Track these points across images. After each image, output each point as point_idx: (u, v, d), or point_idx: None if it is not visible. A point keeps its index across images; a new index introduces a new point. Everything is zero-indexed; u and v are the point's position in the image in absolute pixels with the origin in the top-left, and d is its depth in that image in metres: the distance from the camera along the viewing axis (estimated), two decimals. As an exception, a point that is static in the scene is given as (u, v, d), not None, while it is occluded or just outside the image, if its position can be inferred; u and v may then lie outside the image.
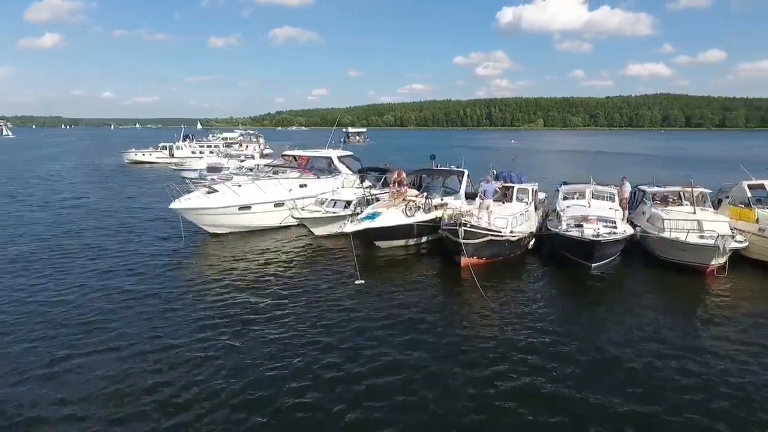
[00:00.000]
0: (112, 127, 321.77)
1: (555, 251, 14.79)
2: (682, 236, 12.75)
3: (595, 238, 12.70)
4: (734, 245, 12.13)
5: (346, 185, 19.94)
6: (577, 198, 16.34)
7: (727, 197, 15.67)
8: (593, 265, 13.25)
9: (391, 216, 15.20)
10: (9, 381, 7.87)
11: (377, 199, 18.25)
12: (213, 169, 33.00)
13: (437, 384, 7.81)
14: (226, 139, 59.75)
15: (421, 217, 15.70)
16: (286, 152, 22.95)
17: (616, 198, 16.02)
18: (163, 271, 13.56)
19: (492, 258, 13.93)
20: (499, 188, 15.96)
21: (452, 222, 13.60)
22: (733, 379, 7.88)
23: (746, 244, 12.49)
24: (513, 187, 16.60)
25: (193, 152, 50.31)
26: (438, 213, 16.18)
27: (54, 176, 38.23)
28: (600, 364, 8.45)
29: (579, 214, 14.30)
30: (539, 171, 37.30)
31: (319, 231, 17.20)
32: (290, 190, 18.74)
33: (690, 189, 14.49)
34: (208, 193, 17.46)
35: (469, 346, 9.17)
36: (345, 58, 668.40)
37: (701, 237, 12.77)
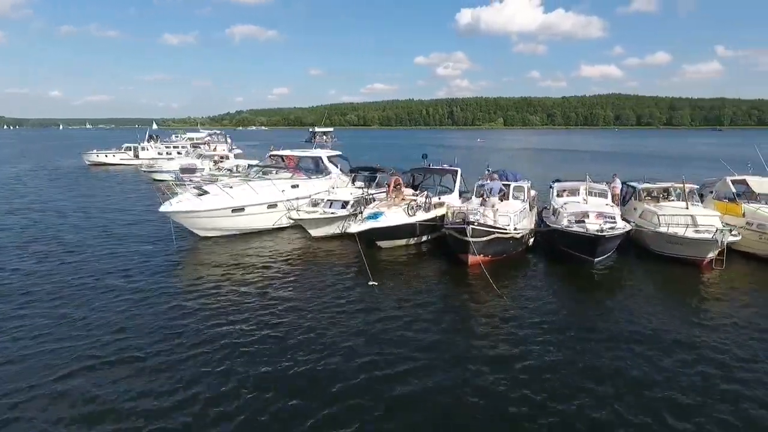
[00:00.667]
0: (61, 127, 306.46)
1: (554, 247, 15.07)
2: (680, 231, 13.27)
3: (599, 233, 13.05)
4: (731, 239, 12.71)
5: (339, 185, 19.70)
6: (572, 195, 16.72)
7: (711, 192, 16.42)
8: (596, 259, 13.61)
9: (394, 215, 15.13)
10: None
11: (373, 199, 18.16)
12: (187, 170, 32.06)
13: (472, 384, 7.79)
14: (192, 139, 58.08)
15: (421, 216, 15.70)
16: (273, 152, 22.43)
17: (609, 195, 16.51)
18: (160, 278, 12.99)
19: (496, 255, 14.07)
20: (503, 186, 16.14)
21: (459, 221, 13.67)
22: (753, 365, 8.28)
23: (740, 237, 13.12)
24: (509, 185, 16.81)
25: (159, 153, 48.53)
26: (438, 211, 16.26)
27: (13, 180, 35.97)
28: (633, 357, 8.65)
29: (579, 210, 14.64)
30: (515, 169, 38.02)
31: (316, 232, 16.90)
32: (283, 191, 18.33)
33: (681, 185, 15.11)
34: (199, 195, 16.87)
35: (493, 343, 9.24)
36: (306, 57, 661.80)
37: (697, 231, 13.33)
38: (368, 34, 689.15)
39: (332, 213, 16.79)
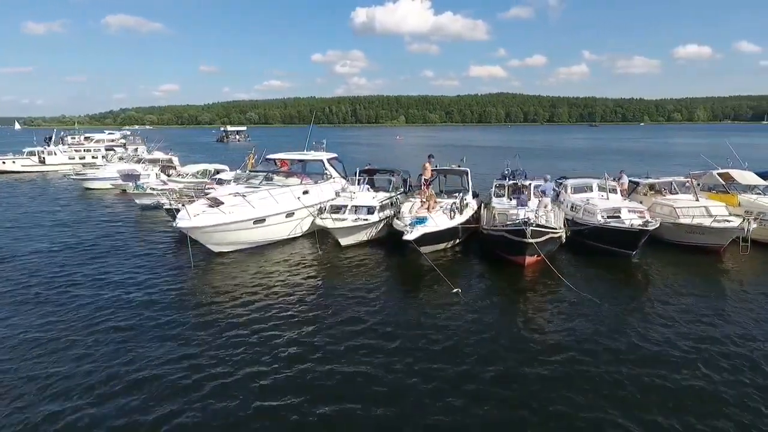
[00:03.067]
0: None
1: (581, 243, 15.76)
2: (705, 221, 14.66)
3: (644, 228, 13.97)
4: (753, 226, 14.30)
5: (353, 190, 18.79)
6: (583, 192, 17.66)
7: (698, 185, 18.32)
8: (633, 252, 14.55)
9: (439, 219, 14.89)
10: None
11: (392, 204, 17.74)
12: (128, 176, 28.72)
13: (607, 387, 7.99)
14: (103, 141, 52.19)
15: (460, 218, 15.65)
16: (270, 156, 20.79)
17: (618, 190, 17.71)
18: (185, 304, 11.65)
19: (546, 255, 14.44)
20: (555, 188, 16.51)
21: (514, 222, 13.86)
22: None
23: (755, 225, 14.78)
24: (530, 184, 17.31)
25: (70, 158, 42.77)
26: (468, 213, 16.36)
27: None
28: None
29: (610, 206, 15.53)
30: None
31: (346, 241, 16.05)
32: (298, 198, 17.14)
33: (690, 180, 16.70)
34: (211, 206, 15.19)
35: (598, 343, 9.51)
36: (196, 52, 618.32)
37: (715, 221, 14.81)
38: (262, 30, 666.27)
39: (365, 220, 16.05)
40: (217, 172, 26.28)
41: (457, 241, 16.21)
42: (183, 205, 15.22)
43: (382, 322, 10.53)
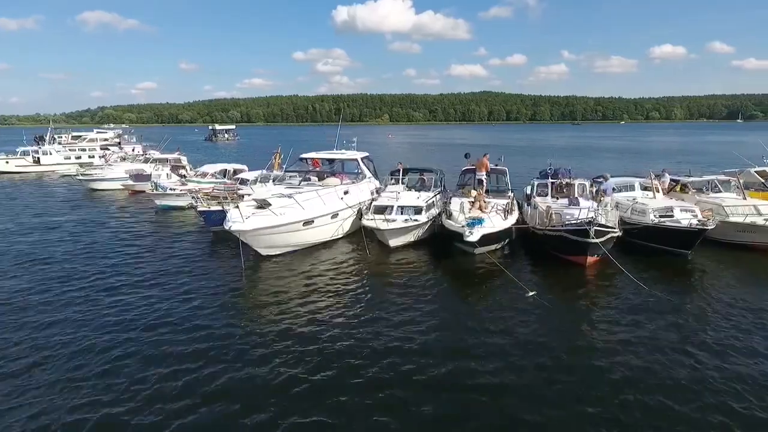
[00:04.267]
0: None
1: (629, 242, 15.63)
2: (757, 220, 14.74)
3: (703, 227, 13.95)
4: None
5: (397, 189, 18.41)
6: (626, 191, 17.63)
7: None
8: (690, 252, 14.54)
9: (495, 220, 14.66)
10: None
11: (433, 204, 17.46)
12: (139, 177, 27.93)
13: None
14: (96, 140, 50.66)
15: (512, 218, 15.45)
16: (304, 155, 20.23)
17: (660, 189, 17.71)
18: (245, 308, 11.41)
19: (604, 255, 14.33)
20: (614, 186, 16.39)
21: (575, 222, 13.69)
22: None
23: None
24: (574, 182, 17.17)
25: (66, 158, 41.34)
26: (516, 213, 16.19)
27: None
28: None
29: (662, 205, 15.49)
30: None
31: (396, 242, 15.69)
32: (341, 198, 16.73)
33: (736, 178, 16.80)
34: (258, 207, 14.66)
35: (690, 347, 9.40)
36: (175, 50, 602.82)
37: (766, 219, 14.90)
38: (242, 28, 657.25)
39: (415, 221, 15.72)
40: (236, 171, 25.61)
41: (506, 241, 16.00)
42: (230, 207, 14.65)
43: (455, 325, 10.34)
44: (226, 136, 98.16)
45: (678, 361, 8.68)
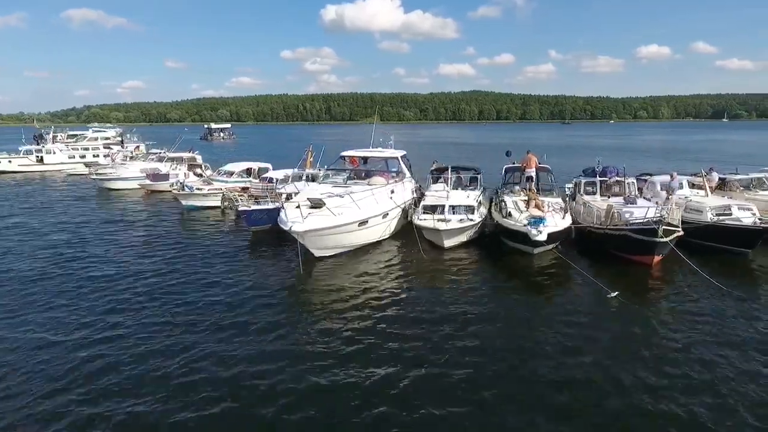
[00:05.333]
0: None
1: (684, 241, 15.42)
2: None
3: (766, 226, 13.82)
4: None
5: (441, 188, 18.03)
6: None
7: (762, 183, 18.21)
8: (750, 251, 14.38)
9: (557, 220, 14.38)
10: None
11: (480, 203, 17.16)
12: (157, 176, 27.26)
13: None
14: (97, 138, 49.41)
15: (569, 217, 15.19)
16: (345, 153, 19.73)
17: (707, 186, 17.57)
18: (307, 311, 11.02)
19: (667, 254, 14.10)
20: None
21: (641, 221, 13.48)
22: None
23: None
24: (626, 181, 16.98)
25: (70, 157, 40.25)
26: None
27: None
28: None
29: (719, 204, 15.34)
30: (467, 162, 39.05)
31: (450, 242, 15.32)
32: (391, 197, 16.33)
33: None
34: (313, 207, 14.20)
35: None
36: (161, 48, 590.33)
37: (824, 216, 14.84)
38: (229, 26, 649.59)
39: (470, 220, 15.37)
40: (260, 170, 25.04)
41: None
42: (285, 207, 14.15)
43: (532, 325, 10.13)
44: (222, 135, 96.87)
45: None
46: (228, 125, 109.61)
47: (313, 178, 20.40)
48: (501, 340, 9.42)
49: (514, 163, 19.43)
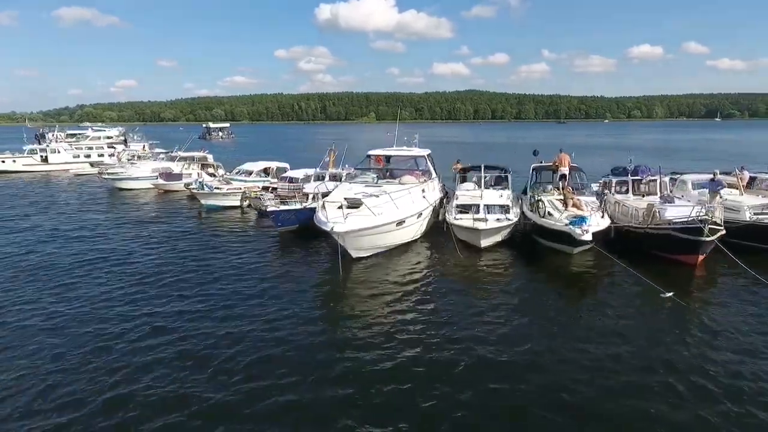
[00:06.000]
0: None
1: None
2: None
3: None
4: None
5: (470, 187, 17.82)
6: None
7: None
8: None
9: (598, 219, 14.18)
10: None
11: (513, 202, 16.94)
12: (170, 176, 26.88)
13: None
14: (99, 138, 48.81)
15: (607, 218, 15.00)
16: (372, 152, 19.43)
17: (741, 185, 17.42)
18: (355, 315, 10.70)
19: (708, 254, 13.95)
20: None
21: (686, 220, 13.31)
22: None
23: None
24: (661, 179, 16.81)
25: (75, 156, 39.65)
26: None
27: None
28: None
29: (757, 203, 15.22)
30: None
31: (486, 242, 15.10)
32: (424, 197, 16.09)
33: (822, 175, 16.68)
34: (349, 207, 13.92)
35: None
36: (154, 47, 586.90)
37: None
38: (222, 24, 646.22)
39: (508, 220, 15.16)
40: (278, 169, 24.72)
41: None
42: (326, 208, 13.84)
43: (589, 328, 9.91)
44: (221, 134, 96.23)
45: None
46: (227, 124, 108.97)
47: (335, 178, 20.12)
48: (559, 343, 9.21)
49: (541, 162, 19.22)
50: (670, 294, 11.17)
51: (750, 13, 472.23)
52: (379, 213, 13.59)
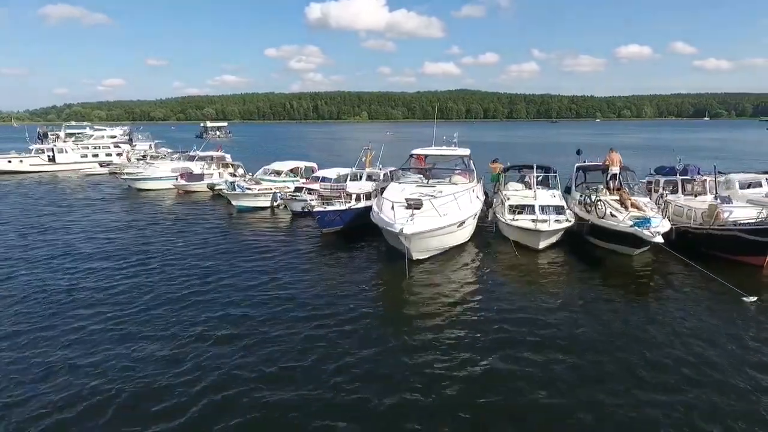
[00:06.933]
0: None
1: None
2: None
3: None
4: None
5: (518, 187, 17.57)
6: (755, 187, 17.21)
7: None
8: None
9: (662, 220, 13.95)
10: None
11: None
12: (192, 177, 26.34)
13: None
14: (103, 137, 47.82)
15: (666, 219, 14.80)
16: (415, 151, 19.04)
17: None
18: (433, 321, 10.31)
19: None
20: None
21: (756, 221, 13.16)
22: None
23: None
24: (712, 179, 16.66)
25: (83, 156, 38.74)
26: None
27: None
28: None
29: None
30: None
31: (545, 243, 14.81)
32: (478, 197, 15.78)
33: None
34: (409, 207, 13.54)
35: None
36: (142, 45, 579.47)
37: None
38: (212, 23, 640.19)
39: (567, 221, 14.89)
40: (306, 169, 24.27)
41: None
42: (387, 208, 13.47)
43: (671, 333, 9.56)
44: (218, 133, 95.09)
45: None
46: (224, 123, 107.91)
47: (372, 178, 19.75)
48: (644, 347, 8.92)
49: (584, 162, 18.99)
50: (754, 298, 10.93)
51: (734, 12, 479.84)
52: (444, 214, 13.24)
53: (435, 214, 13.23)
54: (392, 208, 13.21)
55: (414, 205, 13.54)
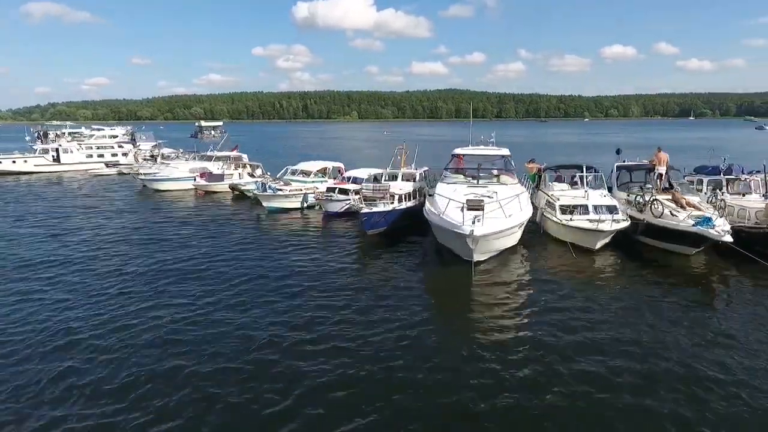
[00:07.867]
0: None
1: None
2: None
3: None
4: None
5: (563, 187, 17.40)
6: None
7: None
8: None
9: (722, 219, 13.87)
10: None
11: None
12: (212, 177, 25.85)
13: None
14: (105, 137, 46.80)
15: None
16: (457, 150, 18.72)
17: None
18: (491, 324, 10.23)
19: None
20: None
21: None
22: None
23: None
24: (756, 179, 16.66)
25: (89, 156, 37.79)
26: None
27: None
28: None
29: None
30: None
31: (601, 243, 14.65)
32: (527, 197, 15.57)
33: None
34: (471, 208, 13.25)
35: None
36: (127, 43, 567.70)
37: None
38: (198, 21, 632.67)
39: (624, 221, 14.73)
40: (334, 169, 23.89)
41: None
42: (454, 210, 13.15)
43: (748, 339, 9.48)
44: (213, 133, 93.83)
45: None
46: (220, 123, 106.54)
47: (407, 178, 19.46)
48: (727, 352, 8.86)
49: (624, 161, 18.91)
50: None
51: (716, 13, 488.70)
52: (510, 215, 12.99)
53: (499, 216, 12.99)
54: (459, 209, 12.86)
55: (476, 206, 13.26)
